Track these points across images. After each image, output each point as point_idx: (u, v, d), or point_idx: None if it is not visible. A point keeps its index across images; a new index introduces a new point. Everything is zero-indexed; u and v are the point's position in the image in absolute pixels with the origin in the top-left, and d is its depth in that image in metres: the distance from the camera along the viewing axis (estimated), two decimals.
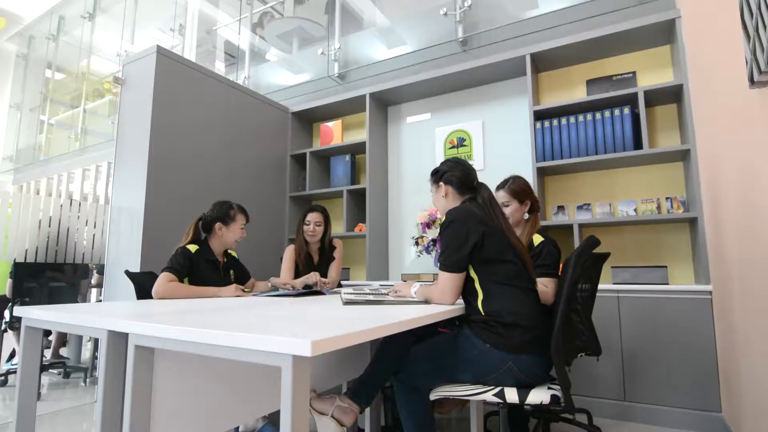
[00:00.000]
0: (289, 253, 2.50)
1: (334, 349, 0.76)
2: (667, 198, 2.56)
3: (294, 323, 0.95)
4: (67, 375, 3.23)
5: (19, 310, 1.30)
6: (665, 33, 2.57)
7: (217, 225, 1.99)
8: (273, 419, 1.74)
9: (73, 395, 2.80)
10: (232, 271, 2.09)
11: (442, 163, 1.63)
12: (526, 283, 1.39)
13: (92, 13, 5.77)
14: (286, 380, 0.74)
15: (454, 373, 1.33)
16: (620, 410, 2.30)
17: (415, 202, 3.39)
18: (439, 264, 1.41)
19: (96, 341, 3.34)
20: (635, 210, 2.61)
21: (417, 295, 1.47)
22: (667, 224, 2.57)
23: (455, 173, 1.56)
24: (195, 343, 0.87)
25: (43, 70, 6.49)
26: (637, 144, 2.48)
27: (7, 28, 6.32)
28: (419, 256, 2.83)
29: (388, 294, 1.57)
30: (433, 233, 2.67)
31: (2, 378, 2.99)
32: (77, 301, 3.12)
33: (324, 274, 2.42)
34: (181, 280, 1.80)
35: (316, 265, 2.46)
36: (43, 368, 2.91)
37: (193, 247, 1.87)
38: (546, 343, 1.30)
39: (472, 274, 1.39)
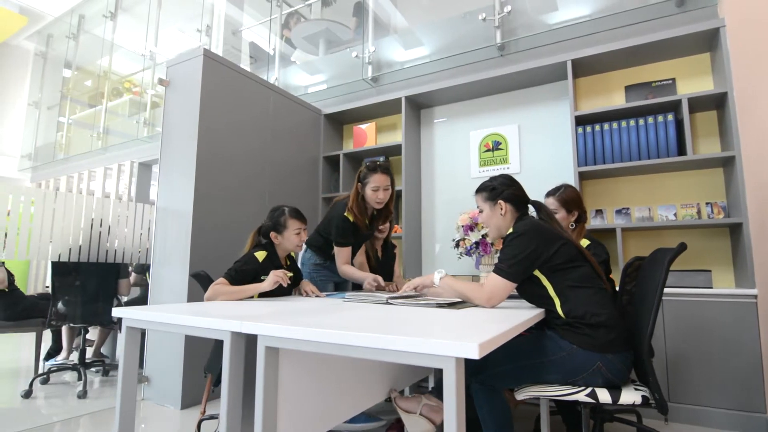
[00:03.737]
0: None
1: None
2: (707, 203, 2.61)
3: (431, 326, 0.99)
4: (106, 373, 3.26)
5: (119, 311, 1.34)
6: (705, 41, 2.62)
7: (272, 234, 2.01)
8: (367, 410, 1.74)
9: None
10: (291, 274, 2.12)
11: (492, 180, 1.65)
12: (599, 284, 1.44)
13: (114, 12, 5.79)
14: (450, 380, 0.78)
15: (540, 374, 1.37)
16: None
17: (447, 204, 3.43)
18: (496, 269, 1.44)
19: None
20: (675, 215, 2.66)
21: (442, 285, 1.53)
22: (707, 229, 2.62)
23: (513, 191, 1.60)
24: (336, 345, 0.91)
25: (62, 69, 6.50)
26: (681, 150, 2.53)
27: (26, 26, 6.32)
28: (460, 258, 2.87)
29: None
30: (476, 236, 2.71)
31: (44, 376, 3.01)
32: (114, 301, 3.12)
33: (385, 270, 2.49)
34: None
35: (381, 259, 2.50)
36: (86, 366, 2.93)
37: (261, 255, 1.89)
38: (626, 342, 1.35)
39: (545, 283, 1.43)
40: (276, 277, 1.76)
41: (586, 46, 2.87)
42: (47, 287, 6.01)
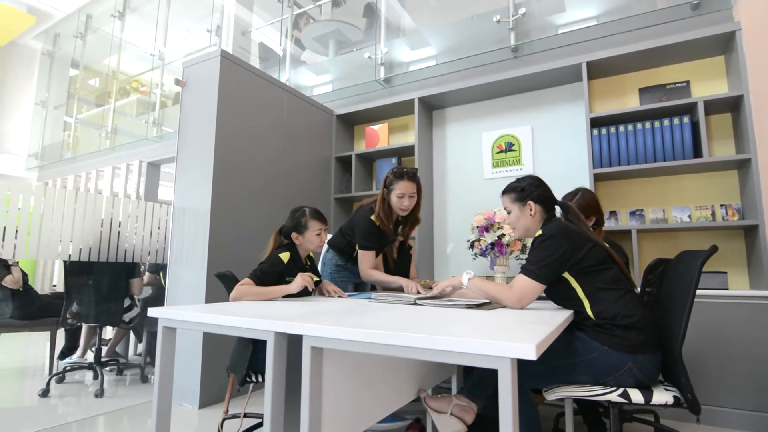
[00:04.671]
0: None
1: None
2: (721, 205, 2.62)
3: (475, 326, 1.00)
4: (120, 372, 3.27)
5: (155, 311, 1.36)
6: (720, 44, 2.64)
7: (294, 234, 2.02)
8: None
9: (135, 393, 2.84)
10: (317, 278, 2.13)
11: (519, 181, 1.65)
12: (628, 286, 1.45)
13: (122, 12, 5.79)
14: (506, 380, 0.79)
15: (570, 375, 1.39)
16: (680, 411, 2.36)
17: (460, 205, 3.45)
18: (526, 270, 1.45)
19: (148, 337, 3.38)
20: (689, 216, 2.68)
21: (471, 286, 1.54)
22: (721, 231, 2.64)
23: (542, 192, 1.61)
24: (387, 346, 0.92)
25: (69, 68, 6.51)
26: (697, 152, 2.55)
27: (33, 25, 6.33)
28: (475, 258, 2.88)
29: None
30: (492, 237, 2.73)
31: (60, 375, 3.02)
32: (125, 300, 3.11)
33: (401, 271, 2.50)
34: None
35: (397, 260, 2.51)
36: (102, 365, 2.95)
37: (285, 256, 1.90)
38: (656, 343, 1.37)
39: (574, 284, 1.45)
40: (304, 281, 1.78)
41: (599, 48, 2.89)
42: (54, 286, 6.02)
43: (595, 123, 2.82)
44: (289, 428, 1.15)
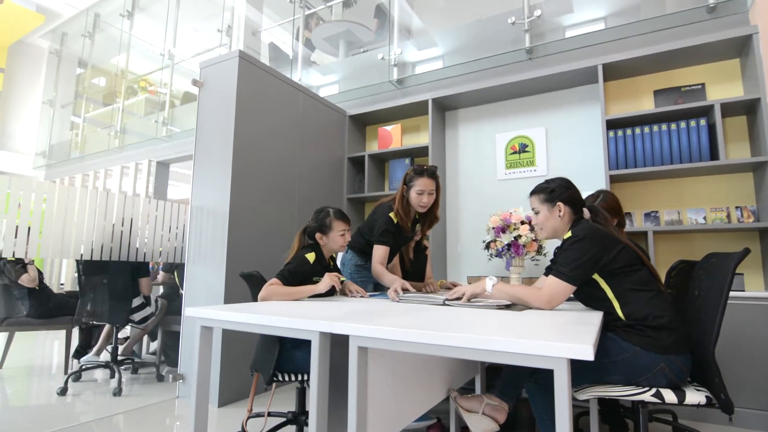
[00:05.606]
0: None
1: None
2: (736, 207, 2.65)
3: (521, 327, 1.02)
4: (135, 371, 3.29)
5: (192, 311, 1.37)
6: (735, 47, 2.65)
7: (318, 235, 2.04)
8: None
9: (151, 391, 2.86)
10: (343, 279, 2.15)
11: (548, 182, 1.66)
12: (657, 287, 1.47)
13: (131, 12, 5.80)
14: (562, 380, 0.81)
15: (601, 375, 1.40)
16: (696, 411, 2.39)
17: (473, 206, 3.47)
18: (557, 272, 1.47)
19: (164, 336, 3.40)
20: (704, 218, 2.70)
21: (496, 292, 1.53)
22: (736, 233, 2.66)
23: (572, 194, 1.62)
24: (436, 346, 0.94)
25: (76, 67, 6.52)
26: (714, 155, 2.57)
27: (41, 24, 6.33)
28: (490, 259, 2.90)
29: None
30: (508, 237, 2.75)
31: (76, 374, 3.04)
32: (134, 299, 3.10)
33: (417, 271, 2.51)
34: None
35: (413, 261, 2.53)
36: (118, 364, 2.96)
37: (311, 256, 1.92)
38: (686, 344, 1.38)
39: (603, 285, 1.46)
40: (332, 281, 1.80)
41: (613, 50, 2.91)
42: (62, 285, 6.03)
43: (611, 125, 2.84)
44: (334, 428, 1.17)
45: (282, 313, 1.22)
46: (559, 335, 0.90)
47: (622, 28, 2.91)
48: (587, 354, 0.78)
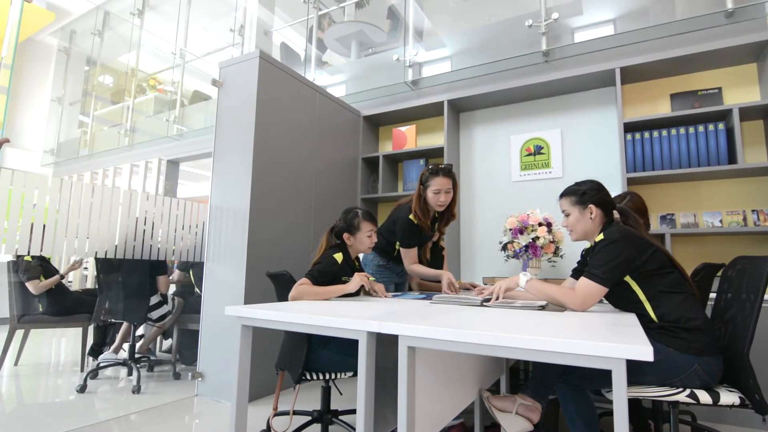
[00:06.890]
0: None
1: None
2: (753, 210, 2.67)
3: (567, 328, 1.04)
4: (151, 368, 3.30)
5: (232, 310, 1.39)
6: (753, 51, 2.68)
7: (345, 235, 2.06)
8: None
9: (169, 389, 2.87)
10: (372, 278, 2.17)
11: (579, 184, 1.68)
12: (689, 289, 1.49)
13: (141, 10, 5.81)
14: (620, 381, 0.84)
15: (633, 376, 1.41)
16: (715, 412, 2.41)
17: (487, 207, 3.49)
18: (589, 274, 1.48)
19: (179, 335, 3.41)
20: (720, 221, 2.72)
21: (529, 288, 1.57)
22: (752, 236, 2.68)
23: (603, 196, 1.65)
24: (490, 346, 0.96)
25: (84, 65, 6.52)
26: (732, 158, 2.59)
27: (50, 22, 6.34)
28: (507, 260, 2.92)
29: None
30: (526, 239, 2.77)
31: (93, 372, 3.05)
32: (151, 298, 3.11)
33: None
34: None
35: (430, 261, 2.55)
36: (136, 362, 2.97)
37: (339, 257, 1.94)
38: (717, 345, 1.41)
39: (635, 287, 1.48)
40: (362, 280, 1.82)
41: (630, 54, 2.93)
42: (70, 282, 6.04)
43: (628, 128, 2.86)
44: (378, 428, 1.19)
45: (328, 313, 1.24)
46: (612, 336, 0.92)
47: (640, 31, 2.93)
48: (648, 355, 0.80)
